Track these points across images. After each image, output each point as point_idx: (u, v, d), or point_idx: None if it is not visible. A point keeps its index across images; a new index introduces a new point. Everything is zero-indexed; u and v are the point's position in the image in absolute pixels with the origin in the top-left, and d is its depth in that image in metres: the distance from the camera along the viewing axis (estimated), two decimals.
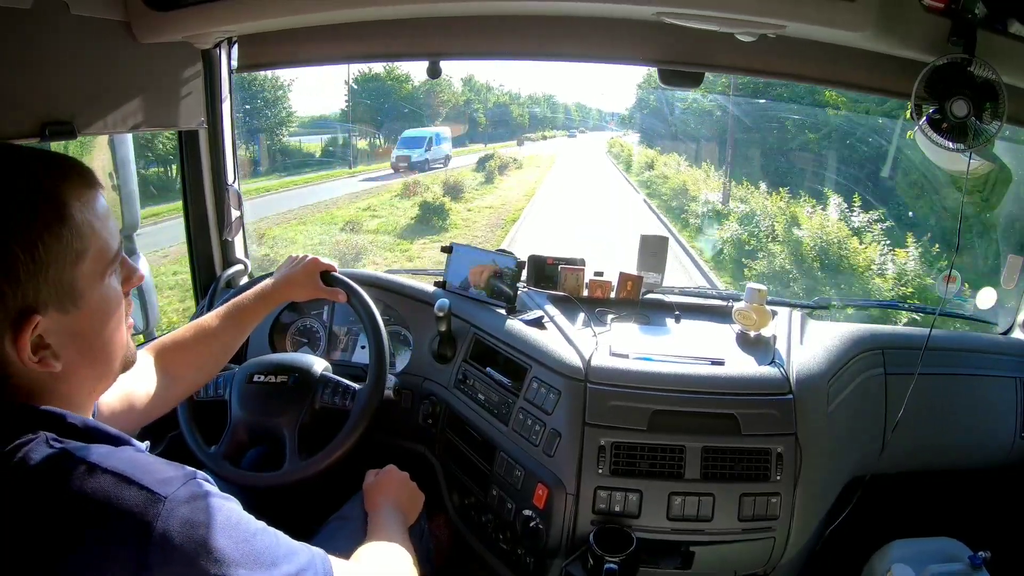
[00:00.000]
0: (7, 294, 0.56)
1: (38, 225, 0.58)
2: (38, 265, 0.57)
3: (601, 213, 14.57)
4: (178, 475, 0.58)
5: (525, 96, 32.42)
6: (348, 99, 19.31)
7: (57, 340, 0.60)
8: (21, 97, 1.04)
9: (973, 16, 1.00)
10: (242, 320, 1.14)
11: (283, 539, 0.65)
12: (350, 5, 1.15)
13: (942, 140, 1.09)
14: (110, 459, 0.56)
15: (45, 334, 0.59)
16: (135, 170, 1.53)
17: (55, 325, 0.60)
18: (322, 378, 1.26)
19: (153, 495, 0.54)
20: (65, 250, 0.59)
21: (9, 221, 0.57)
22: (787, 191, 9.42)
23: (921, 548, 1.37)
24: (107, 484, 0.54)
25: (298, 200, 13.88)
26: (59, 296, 0.60)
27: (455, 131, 23.07)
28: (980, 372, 1.50)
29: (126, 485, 0.54)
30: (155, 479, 0.56)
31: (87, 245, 0.61)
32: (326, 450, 1.19)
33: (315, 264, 1.27)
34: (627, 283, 1.53)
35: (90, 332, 0.64)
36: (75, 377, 0.63)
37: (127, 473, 0.55)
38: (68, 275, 0.60)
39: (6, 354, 0.58)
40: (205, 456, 1.21)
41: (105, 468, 0.55)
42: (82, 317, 0.62)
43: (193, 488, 0.58)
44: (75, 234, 0.60)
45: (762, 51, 1.22)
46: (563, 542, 1.19)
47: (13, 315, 0.57)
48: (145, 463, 0.58)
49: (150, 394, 0.98)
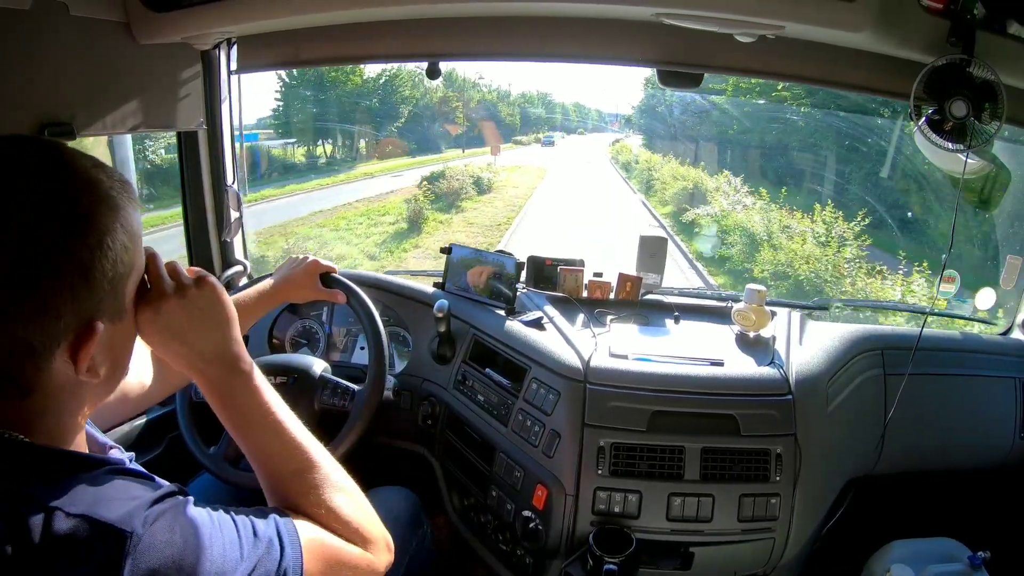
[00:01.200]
0: (81, 301, 0.55)
1: (114, 232, 0.57)
2: (110, 273, 0.57)
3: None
4: (142, 502, 0.56)
5: (517, 94, 30.44)
6: (279, 98, 16.27)
7: (99, 352, 0.59)
8: (20, 98, 1.04)
9: (972, 17, 1.00)
10: (241, 316, 1.13)
11: (241, 520, 0.63)
12: (349, 6, 1.15)
13: (941, 141, 1.10)
14: (74, 499, 0.53)
15: (97, 344, 0.58)
16: (135, 170, 1.53)
17: (105, 336, 0.59)
18: (321, 379, 1.26)
19: (119, 532, 0.53)
20: (128, 261, 0.59)
21: (89, 226, 0.55)
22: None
23: (920, 548, 1.37)
24: (73, 527, 0.52)
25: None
26: (115, 308, 0.60)
27: (455, 131, 21.69)
28: (979, 372, 1.50)
29: (96, 526, 0.52)
30: (118, 515, 0.53)
31: (137, 261, 0.62)
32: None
33: (315, 265, 1.26)
34: (626, 284, 1.53)
35: (122, 345, 0.63)
36: (99, 388, 0.62)
37: (89, 513, 0.53)
38: (124, 287, 0.60)
39: (52, 364, 0.55)
40: (205, 458, 1.21)
41: (68, 512, 0.52)
42: (121, 330, 0.62)
43: (159, 511, 0.56)
44: (134, 246, 0.60)
45: (761, 52, 1.22)
46: (563, 543, 1.19)
47: (83, 321, 0.56)
48: (108, 494, 0.55)
49: (144, 385, 0.97)
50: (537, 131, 30.77)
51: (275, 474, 0.73)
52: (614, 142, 28.21)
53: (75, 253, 0.54)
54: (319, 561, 0.66)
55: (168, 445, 1.43)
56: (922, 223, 7.62)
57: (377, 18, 1.32)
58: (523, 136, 29.31)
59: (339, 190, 15.68)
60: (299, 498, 0.71)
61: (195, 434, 1.23)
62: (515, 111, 29.27)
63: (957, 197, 1.27)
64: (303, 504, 0.70)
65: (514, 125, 28.85)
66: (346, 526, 0.71)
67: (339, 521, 0.71)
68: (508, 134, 27.45)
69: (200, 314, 0.70)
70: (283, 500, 0.71)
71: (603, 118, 34.18)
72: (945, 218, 6.51)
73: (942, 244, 6.24)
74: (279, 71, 13.36)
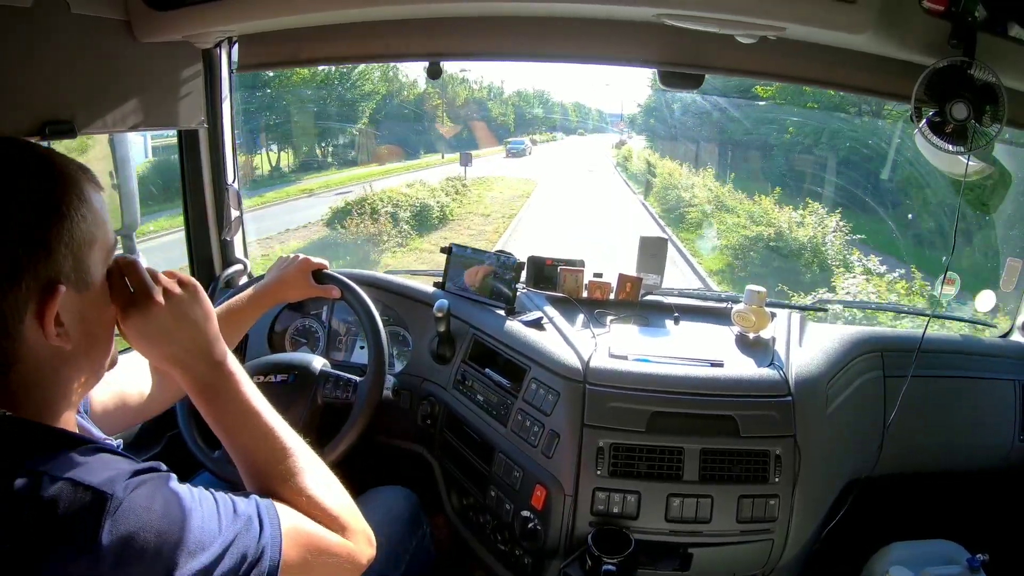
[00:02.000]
0: (40, 263, 0.58)
1: (69, 201, 0.60)
2: (67, 238, 0.60)
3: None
4: (124, 470, 0.58)
5: (512, 92, 27.24)
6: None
7: (69, 319, 0.61)
8: (21, 96, 1.04)
9: (973, 19, 1.00)
10: (237, 321, 1.14)
11: (221, 497, 0.64)
12: (350, 5, 1.15)
13: (942, 143, 1.10)
14: (59, 465, 0.56)
15: (61, 310, 0.60)
16: (135, 169, 1.53)
17: (70, 303, 0.61)
18: (322, 374, 1.26)
19: (99, 494, 0.54)
20: (88, 230, 0.62)
21: (45, 195, 0.59)
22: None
23: (919, 550, 1.37)
24: (57, 489, 0.54)
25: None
26: (77, 274, 0.61)
27: (448, 132, 19.75)
28: (979, 375, 1.50)
29: (78, 488, 0.54)
30: (100, 479, 0.55)
31: (97, 233, 0.63)
32: (331, 444, 1.19)
33: (306, 263, 1.27)
34: (626, 284, 1.53)
35: (95, 317, 0.65)
36: (74, 365, 0.64)
37: (73, 476, 0.55)
38: (86, 256, 0.62)
39: (23, 332, 0.58)
40: (208, 460, 1.21)
41: (53, 476, 0.54)
42: (90, 300, 0.64)
43: (140, 480, 0.57)
44: (94, 218, 0.62)
45: (762, 53, 1.22)
46: (561, 543, 1.19)
47: (43, 283, 0.58)
48: (92, 463, 0.57)
49: (143, 393, 0.97)
50: (534, 132, 27.81)
51: (256, 464, 0.74)
52: (618, 144, 24.91)
53: (31, 219, 0.58)
54: (299, 546, 0.66)
55: (167, 444, 1.43)
56: (922, 223, 7.60)
57: (378, 17, 1.32)
58: (515, 138, 25.67)
59: (263, 214, 11.35)
60: (280, 486, 0.72)
61: (197, 437, 1.23)
62: (508, 110, 26.75)
63: (959, 200, 1.27)
64: (284, 492, 0.71)
65: (507, 125, 26.22)
66: (326, 513, 0.72)
67: (319, 509, 0.72)
68: (502, 135, 24.86)
69: (184, 315, 0.72)
70: (264, 489, 0.72)
71: (604, 118, 31.27)
72: (946, 220, 6.51)
73: (941, 245, 6.23)
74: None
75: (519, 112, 27.58)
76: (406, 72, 17.64)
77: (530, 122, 27.95)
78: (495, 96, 26.08)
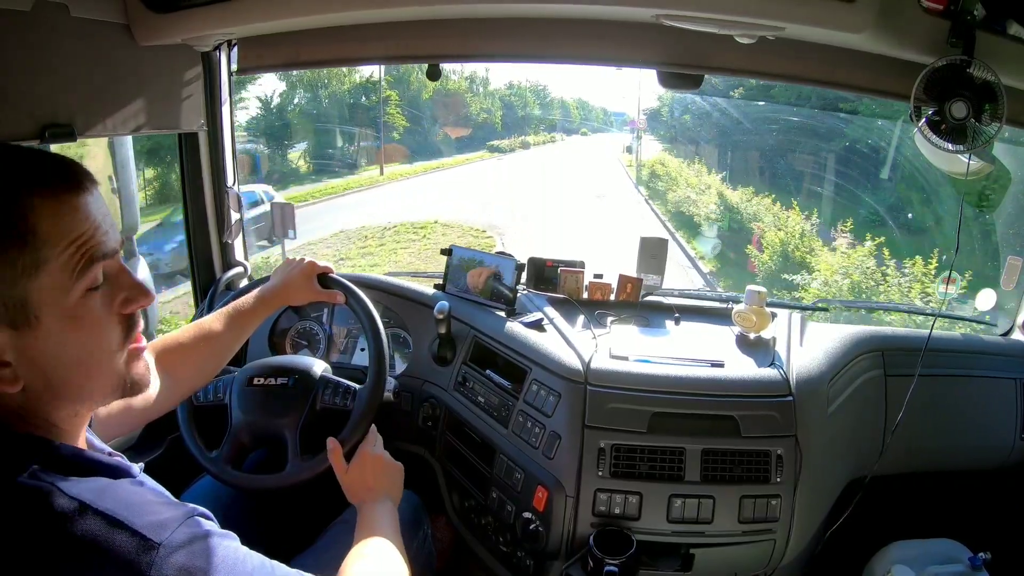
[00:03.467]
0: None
1: (6, 268, 0.53)
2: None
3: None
4: (174, 516, 0.55)
5: (501, 85, 22.04)
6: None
7: (16, 359, 0.55)
8: (21, 99, 1.04)
9: (972, 18, 1.00)
10: (242, 323, 1.14)
11: (280, 571, 0.63)
12: (350, 8, 1.15)
13: (941, 142, 1.10)
14: (102, 498, 0.53)
15: (1, 352, 0.54)
16: (135, 172, 1.53)
17: (10, 342, 0.55)
18: (322, 379, 1.26)
19: (146, 541, 0.52)
20: (26, 262, 0.54)
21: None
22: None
23: (921, 549, 1.37)
24: (97, 527, 0.51)
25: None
26: (9, 311, 0.54)
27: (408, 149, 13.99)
28: (980, 373, 1.50)
29: (118, 529, 0.51)
30: (149, 522, 0.53)
31: (45, 256, 0.54)
32: (324, 454, 1.18)
33: (312, 267, 1.25)
34: (627, 285, 1.53)
35: (51, 354, 0.57)
36: (45, 400, 0.58)
37: (119, 516, 0.52)
38: (18, 290, 0.54)
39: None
40: (207, 461, 1.21)
41: (96, 509, 0.52)
42: (39, 337, 0.56)
43: (189, 531, 0.55)
44: (37, 240, 0.54)
45: (761, 53, 1.22)
46: (563, 544, 1.19)
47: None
48: (140, 503, 0.55)
49: (148, 398, 0.97)
50: (529, 133, 21.70)
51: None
52: (628, 149, 18.59)
53: None
54: None
55: (169, 446, 1.43)
56: (921, 223, 7.53)
57: (377, 19, 1.32)
58: (502, 140, 20.88)
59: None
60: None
61: (196, 438, 1.23)
62: (495, 106, 21.37)
63: (960, 200, 1.27)
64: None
65: (494, 126, 21.19)
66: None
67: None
68: (483, 138, 19.96)
69: (384, 468, 1.06)
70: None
71: (608, 117, 25.45)
72: (947, 221, 6.47)
73: (941, 244, 6.18)
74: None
75: (507, 107, 22.42)
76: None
77: (521, 121, 22.61)
78: (474, 90, 20.48)
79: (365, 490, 1.02)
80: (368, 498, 1.00)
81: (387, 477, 1.05)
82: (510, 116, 22.20)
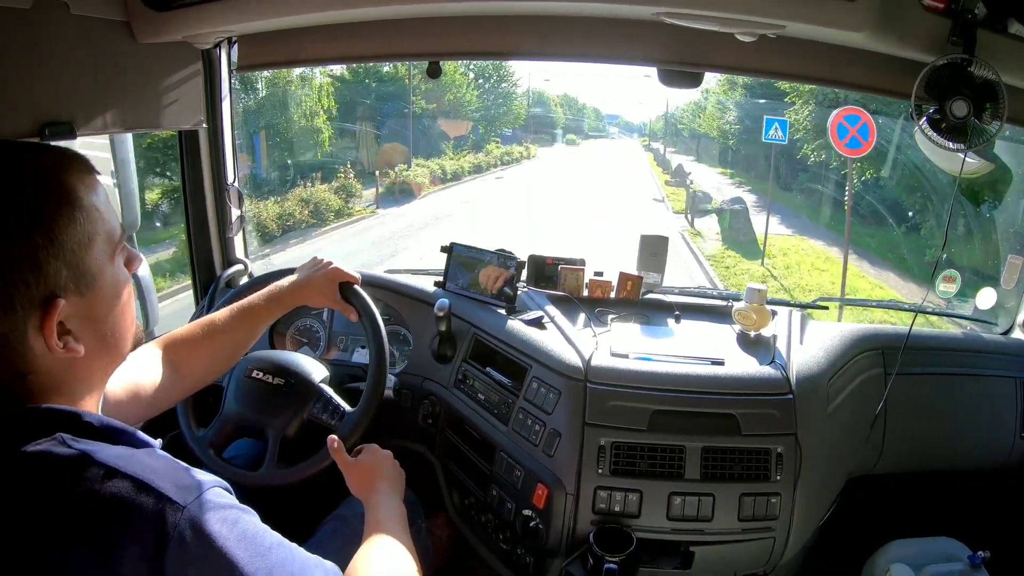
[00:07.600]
0: (31, 282, 0.58)
1: (51, 209, 0.59)
2: (56, 249, 0.59)
3: None
4: (198, 482, 0.58)
5: (500, 83, 20.12)
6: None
7: (77, 325, 0.61)
8: (21, 97, 1.04)
9: (973, 16, 1.00)
10: (253, 321, 1.11)
11: (298, 553, 0.65)
12: (350, 5, 1.15)
13: (942, 140, 1.10)
14: (130, 463, 0.56)
15: (66, 319, 0.60)
16: (135, 170, 1.53)
17: (74, 309, 0.61)
18: (318, 390, 1.23)
19: (172, 503, 0.55)
20: (79, 233, 0.61)
21: (25, 210, 0.58)
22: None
23: (920, 548, 1.37)
24: (125, 488, 0.54)
25: None
26: (76, 279, 0.61)
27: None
28: (980, 372, 1.50)
29: (145, 491, 0.55)
30: (174, 486, 0.56)
31: (96, 228, 0.63)
32: (299, 467, 1.16)
33: (336, 273, 1.20)
34: (627, 283, 1.53)
35: (106, 314, 0.65)
36: (93, 362, 0.64)
37: (146, 478, 0.55)
38: (83, 258, 0.61)
39: (30, 347, 0.59)
40: (192, 437, 1.20)
41: (124, 472, 0.55)
42: (97, 299, 0.63)
43: (212, 497, 0.58)
44: (86, 217, 0.61)
45: (762, 51, 1.22)
46: (563, 542, 1.19)
47: (39, 301, 0.58)
48: (165, 468, 0.59)
49: (156, 387, 0.97)
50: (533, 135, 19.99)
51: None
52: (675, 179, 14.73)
53: (10, 242, 0.57)
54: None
55: (168, 445, 1.42)
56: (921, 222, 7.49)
57: (377, 17, 1.32)
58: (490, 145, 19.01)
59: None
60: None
61: (190, 412, 1.22)
62: (483, 104, 19.23)
63: (952, 198, 1.27)
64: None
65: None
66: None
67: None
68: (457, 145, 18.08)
69: (393, 466, 1.09)
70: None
71: (600, 119, 24.18)
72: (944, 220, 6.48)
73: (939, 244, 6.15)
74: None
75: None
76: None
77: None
78: (449, 82, 17.76)
79: (377, 480, 1.04)
80: (377, 490, 1.01)
81: (396, 474, 1.09)
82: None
